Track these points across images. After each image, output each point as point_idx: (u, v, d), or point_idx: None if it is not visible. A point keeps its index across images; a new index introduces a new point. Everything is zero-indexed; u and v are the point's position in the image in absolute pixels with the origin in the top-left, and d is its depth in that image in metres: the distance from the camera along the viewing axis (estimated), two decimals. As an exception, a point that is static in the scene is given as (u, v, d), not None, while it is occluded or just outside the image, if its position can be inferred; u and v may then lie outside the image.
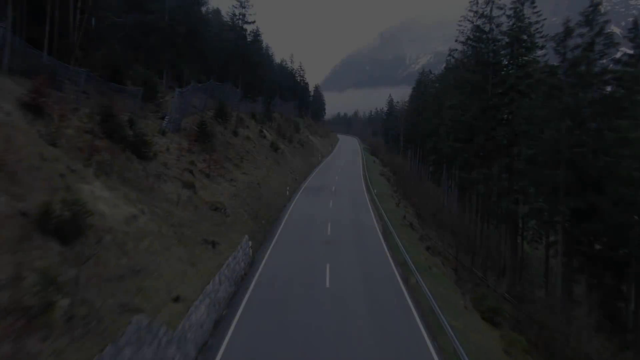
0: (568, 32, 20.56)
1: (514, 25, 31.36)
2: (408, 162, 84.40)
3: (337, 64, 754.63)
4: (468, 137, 33.39)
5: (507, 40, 31.84)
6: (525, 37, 32.18)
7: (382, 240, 26.81)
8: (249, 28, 51.80)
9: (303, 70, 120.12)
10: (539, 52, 33.05)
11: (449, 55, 56.22)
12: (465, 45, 41.77)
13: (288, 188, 42.53)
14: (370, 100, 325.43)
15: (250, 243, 22.15)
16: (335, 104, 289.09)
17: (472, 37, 34.88)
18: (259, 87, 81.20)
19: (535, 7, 31.43)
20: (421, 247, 29.77)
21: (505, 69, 32.35)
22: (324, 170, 66.77)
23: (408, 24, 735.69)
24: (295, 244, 24.65)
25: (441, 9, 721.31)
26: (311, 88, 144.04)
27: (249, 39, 52.78)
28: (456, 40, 41.85)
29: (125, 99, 26.33)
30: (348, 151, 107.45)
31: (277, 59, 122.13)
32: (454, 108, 36.05)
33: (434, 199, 47.88)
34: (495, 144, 31.81)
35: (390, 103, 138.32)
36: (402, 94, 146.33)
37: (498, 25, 33.26)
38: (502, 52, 32.89)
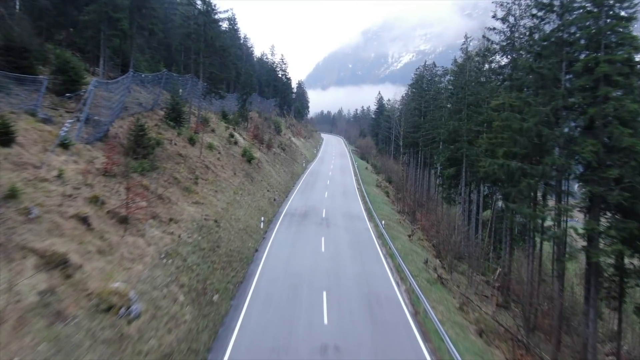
0: None
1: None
2: (405, 168, 73.57)
3: (320, 61, 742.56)
4: (533, 152, 22.57)
5: (590, 8, 21.22)
6: (611, 2, 21.54)
7: (420, 340, 15.41)
8: (214, 1, 39.87)
9: (285, 64, 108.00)
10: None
11: (465, 41, 45.48)
12: (505, 23, 31.00)
13: (263, 218, 30.92)
14: (353, 98, 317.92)
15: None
16: (319, 102, 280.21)
17: (534, 4, 23.97)
18: (234, 82, 69.57)
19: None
20: (471, 330, 18.78)
21: (585, 51, 21.78)
22: (311, 182, 55.17)
23: (390, 22, 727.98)
24: (268, 361, 13.14)
25: (423, 8, 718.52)
26: (294, 84, 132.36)
27: (215, 17, 40.81)
28: (494, 17, 30.98)
29: (31, 92, 20.11)
30: (335, 155, 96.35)
31: (258, 54, 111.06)
32: (500, 110, 25.17)
33: (451, 228, 36.95)
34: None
35: (380, 101, 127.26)
36: (387, 92, 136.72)
37: (574, -13, 22.62)
38: (577, 27, 22.33)
